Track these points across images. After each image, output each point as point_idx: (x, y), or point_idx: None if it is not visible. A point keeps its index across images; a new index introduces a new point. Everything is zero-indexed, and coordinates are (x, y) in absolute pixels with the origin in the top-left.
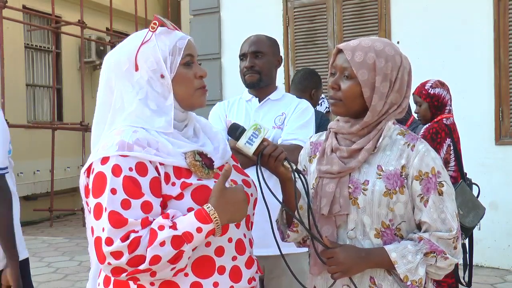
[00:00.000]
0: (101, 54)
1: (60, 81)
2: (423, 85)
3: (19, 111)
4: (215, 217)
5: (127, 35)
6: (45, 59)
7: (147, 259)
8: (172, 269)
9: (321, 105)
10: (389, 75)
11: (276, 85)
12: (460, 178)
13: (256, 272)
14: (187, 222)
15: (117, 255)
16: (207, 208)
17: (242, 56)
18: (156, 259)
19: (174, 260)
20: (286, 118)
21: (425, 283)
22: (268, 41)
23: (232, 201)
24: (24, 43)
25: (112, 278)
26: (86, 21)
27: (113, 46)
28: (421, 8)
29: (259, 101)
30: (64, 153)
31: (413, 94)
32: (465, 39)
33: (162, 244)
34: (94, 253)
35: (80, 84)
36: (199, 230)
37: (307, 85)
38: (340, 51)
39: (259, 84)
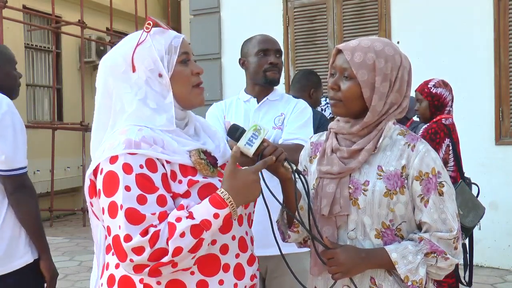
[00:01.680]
0: (101, 54)
1: (60, 81)
2: (426, 83)
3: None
4: (230, 201)
5: (127, 35)
6: (45, 59)
7: (170, 252)
8: (193, 257)
9: (325, 110)
10: (389, 75)
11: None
12: (459, 178)
13: (258, 270)
14: (203, 210)
15: (138, 250)
16: (221, 193)
17: (263, 52)
18: (178, 251)
19: (195, 248)
20: (286, 118)
21: (425, 283)
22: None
23: (245, 182)
24: (24, 43)
25: (117, 278)
26: (86, 21)
27: (113, 46)
28: (421, 8)
29: (258, 102)
30: (64, 153)
31: (415, 91)
32: (465, 39)
33: (182, 235)
34: (99, 254)
35: (80, 84)
36: (216, 216)
37: (305, 85)
38: (339, 51)
39: (277, 82)
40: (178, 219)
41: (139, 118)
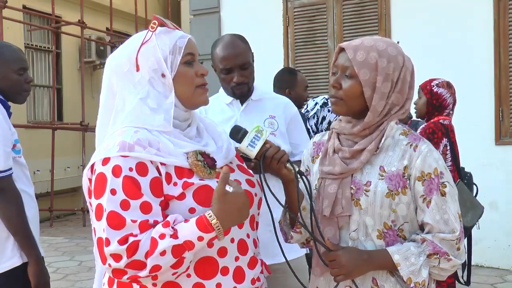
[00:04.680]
0: (101, 54)
1: (60, 81)
2: (431, 80)
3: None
4: (217, 226)
5: (127, 35)
6: (45, 59)
7: (148, 268)
8: (174, 273)
9: (331, 112)
10: (390, 76)
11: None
12: (457, 178)
13: (261, 272)
14: (188, 231)
15: (116, 257)
16: (209, 216)
17: (226, 71)
18: (156, 268)
19: (175, 266)
20: (279, 124)
21: (427, 284)
22: (245, 45)
23: (234, 206)
24: (24, 43)
25: (116, 279)
26: (86, 21)
27: (113, 46)
28: (421, 8)
29: (241, 103)
30: (64, 153)
31: (419, 85)
32: (465, 39)
33: (163, 253)
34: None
35: (80, 84)
36: (200, 239)
37: (280, 86)
38: (342, 50)
39: (248, 93)
40: (162, 236)
41: (137, 118)
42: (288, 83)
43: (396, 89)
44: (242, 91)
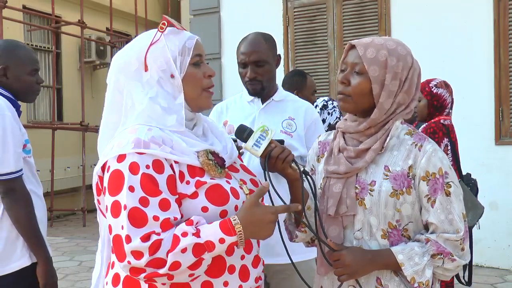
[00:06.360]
0: (101, 54)
1: (60, 81)
2: (428, 81)
3: None
4: (240, 230)
5: (127, 35)
6: (45, 59)
7: (167, 264)
8: (190, 275)
9: (331, 114)
10: (399, 74)
11: (276, 83)
12: (458, 177)
13: (262, 271)
14: (211, 231)
15: (137, 255)
16: (233, 220)
17: (242, 65)
18: (176, 265)
19: (193, 267)
20: (297, 126)
21: (432, 284)
22: (266, 44)
23: (260, 219)
24: (24, 43)
25: (122, 277)
26: (86, 21)
27: (113, 46)
28: (421, 8)
29: (262, 102)
30: (64, 153)
31: None
32: (465, 39)
33: (184, 250)
34: (105, 252)
35: (80, 84)
36: (221, 241)
37: (289, 87)
38: (352, 47)
39: (262, 92)
40: (184, 234)
41: (149, 118)
42: (297, 85)
43: (404, 89)
44: (254, 88)
